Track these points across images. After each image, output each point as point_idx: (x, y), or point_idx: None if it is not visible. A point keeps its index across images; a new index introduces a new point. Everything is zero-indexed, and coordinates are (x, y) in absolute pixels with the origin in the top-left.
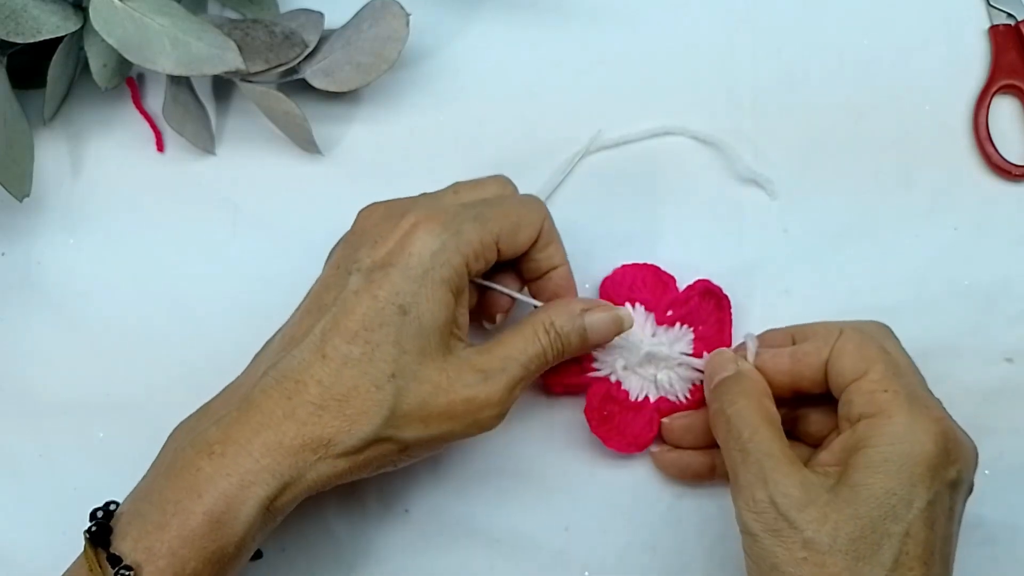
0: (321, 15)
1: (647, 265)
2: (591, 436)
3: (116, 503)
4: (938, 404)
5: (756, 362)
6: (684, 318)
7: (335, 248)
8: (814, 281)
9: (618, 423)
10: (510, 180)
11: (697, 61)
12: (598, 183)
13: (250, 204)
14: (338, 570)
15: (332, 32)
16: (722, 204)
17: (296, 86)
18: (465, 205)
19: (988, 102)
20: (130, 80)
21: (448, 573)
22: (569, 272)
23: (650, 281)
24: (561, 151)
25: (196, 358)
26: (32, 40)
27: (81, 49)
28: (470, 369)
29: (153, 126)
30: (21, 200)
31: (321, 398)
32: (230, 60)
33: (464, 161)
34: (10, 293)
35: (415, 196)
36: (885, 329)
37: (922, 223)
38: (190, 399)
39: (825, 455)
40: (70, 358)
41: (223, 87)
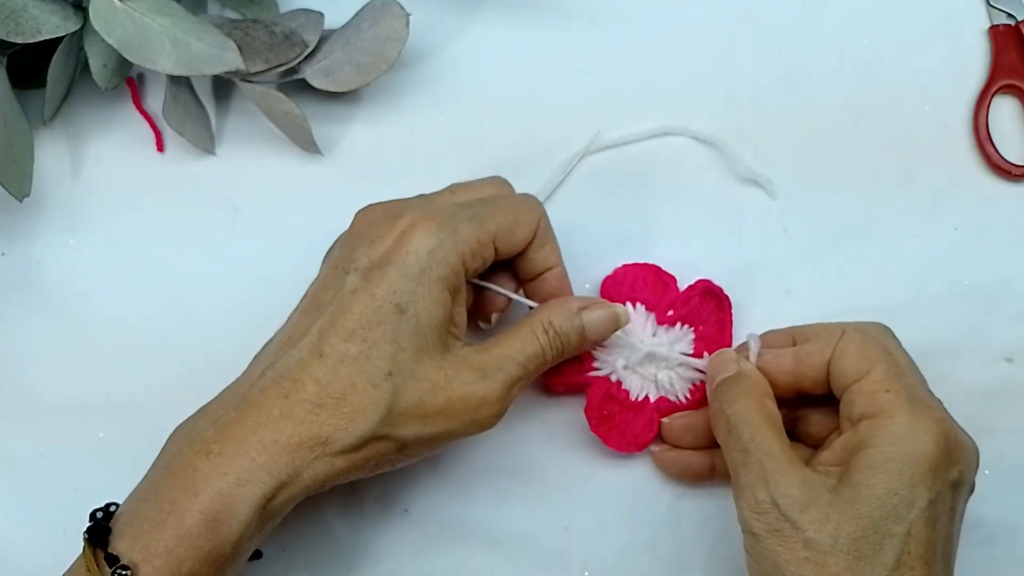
0: (321, 15)
1: (648, 265)
2: (591, 436)
3: (116, 504)
4: (939, 405)
5: (758, 362)
6: (685, 318)
7: (332, 248)
8: (814, 281)
9: (618, 423)
10: (507, 181)
11: (697, 61)
12: (598, 183)
13: (250, 204)
14: (338, 570)
15: (332, 32)
16: (722, 204)
17: (296, 86)
18: (461, 205)
19: (988, 102)
20: (130, 80)
21: (448, 573)
22: (564, 273)
23: (651, 281)
24: (561, 151)
25: (196, 358)
26: (32, 40)
27: (81, 49)
28: (468, 367)
29: (153, 126)
30: (21, 200)
31: (318, 396)
32: (230, 60)
33: (464, 161)
34: (10, 293)
35: (412, 197)
36: (886, 330)
37: (922, 223)
38: (190, 399)
39: (826, 455)
40: (70, 358)
41: (223, 87)
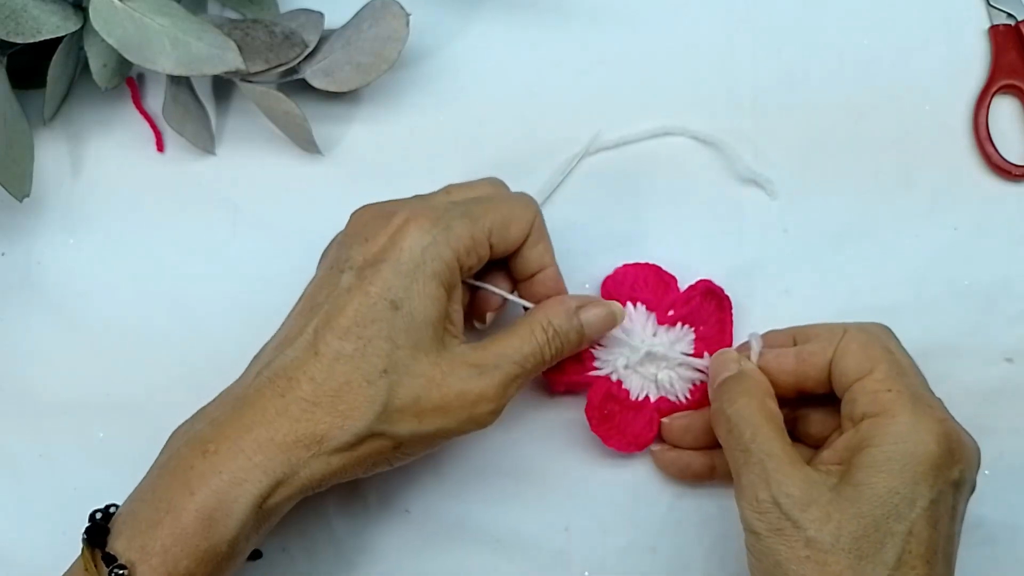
0: (321, 15)
1: (648, 265)
2: (591, 436)
3: (116, 506)
4: (941, 404)
5: (760, 362)
6: (685, 318)
7: (328, 248)
8: (814, 281)
9: (618, 422)
10: (502, 181)
11: (697, 61)
12: (598, 183)
13: (250, 204)
14: (338, 570)
15: (332, 32)
16: (722, 204)
17: (296, 86)
18: (456, 203)
19: (988, 102)
20: (130, 80)
21: (448, 573)
22: (558, 273)
23: (651, 281)
24: (561, 151)
25: (196, 358)
26: (32, 40)
27: (81, 49)
28: (464, 364)
29: (153, 126)
30: (21, 200)
31: (314, 394)
32: (230, 60)
33: (464, 161)
34: (10, 293)
35: (407, 197)
36: (887, 330)
37: (922, 223)
38: (190, 399)
39: (828, 454)
40: (70, 358)
41: (223, 87)
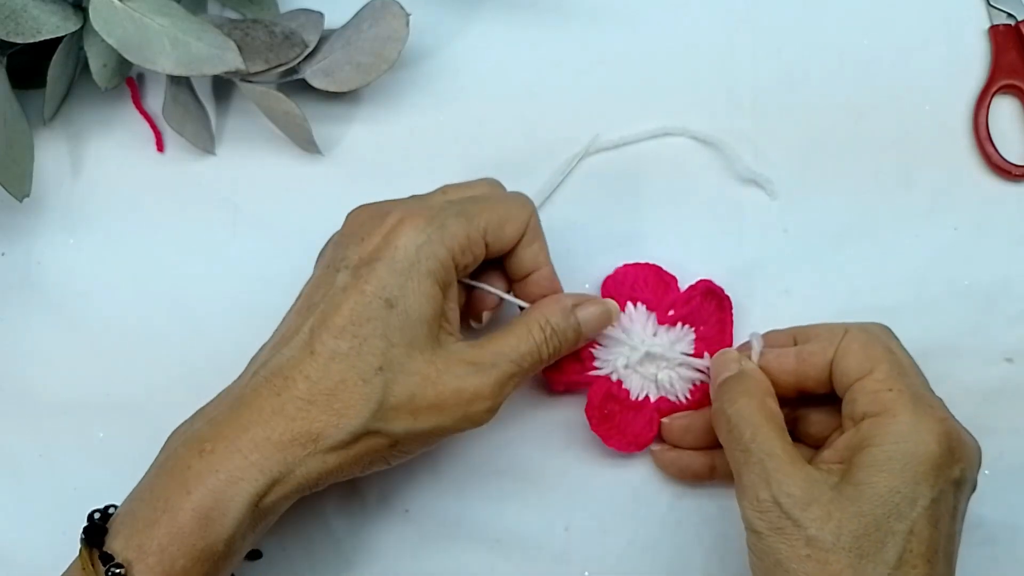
0: (321, 15)
1: (649, 265)
2: (592, 436)
3: (115, 506)
4: (941, 404)
5: (761, 362)
6: (686, 318)
7: (325, 248)
8: (814, 281)
9: (618, 422)
10: (499, 182)
11: (697, 61)
12: (598, 183)
13: (250, 204)
14: (338, 569)
15: (332, 32)
16: (722, 204)
17: (296, 86)
18: (451, 202)
19: (988, 102)
20: (130, 80)
21: (447, 573)
22: (553, 273)
23: (652, 281)
24: (561, 151)
25: (196, 358)
26: (32, 40)
27: (81, 49)
28: (460, 362)
29: (153, 126)
30: (21, 200)
31: (309, 393)
32: (230, 60)
33: (464, 161)
34: (10, 293)
35: (403, 198)
36: (888, 330)
37: (922, 223)
38: (190, 399)
39: (829, 453)
40: (70, 358)
41: (223, 87)
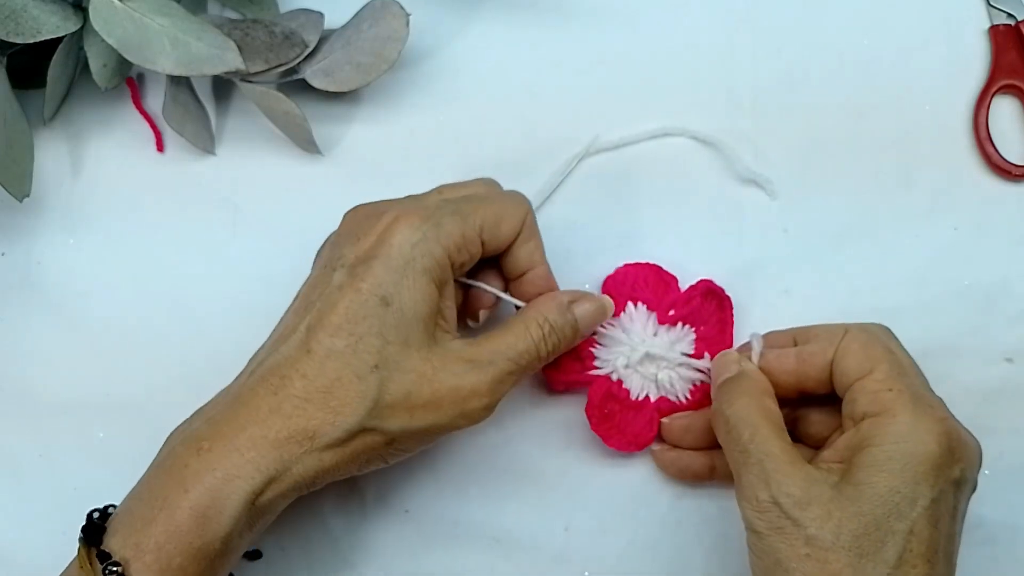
0: (321, 15)
1: (649, 265)
2: (592, 436)
3: (115, 506)
4: (942, 404)
5: (761, 363)
6: (686, 318)
7: (322, 248)
8: (814, 281)
9: (618, 422)
10: (496, 181)
11: (697, 61)
12: (598, 183)
13: (250, 204)
14: (337, 569)
15: (332, 32)
16: (722, 204)
17: (296, 86)
18: (447, 200)
19: (988, 102)
20: (130, 80)
21: (447, 573)
22: (549, 271)
23: (652, 281)
24: (561, 151)
25: (196, 358)
26: (32, 40)
27: (81, 49)
28: (457, 359)
29: (153, 126)
30: (21, 200)
31: (305, 391)
32: (230, 60)
33: (464, 161)
34: (10, 293)
35: (400, 198)
36: (888, 331)
37: (922, 223)
38: (190, 399)
39: (829, 452)
40: (70, 358)
41: (223, 87)
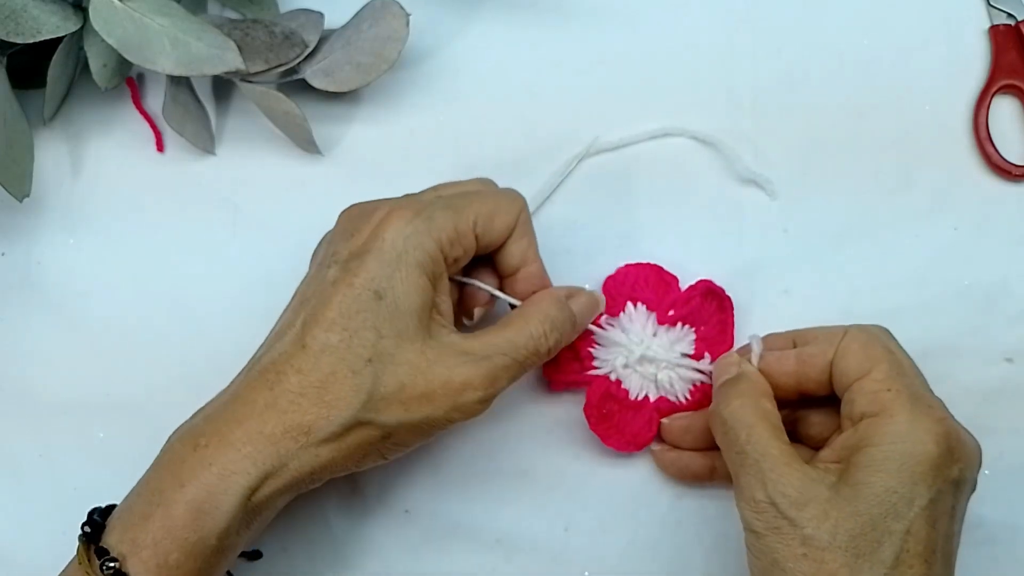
0: (321, 15)
1: (650, 265)
2: (591, 436)
3: (116, 506)
4: (941, 404)
5: (761, 364)
6: (686, 318)
7: (318, 246)
8: (814, 281)
9: (617, 421)
10: (492, 180)
11: (697, 61)
12: (599, 183)
13: (250, 204)
14: (338, 570)
15: (332, 32)
16: (722, 204)
17: (296, 86)
18: (441, 196)
19: (988, 102)
20: (130, 80)
21: (448, 573)
22: (543, 269)
23: (652, 280)
24: (561, 151)
25: (196, 358)
26: (32, 40)
27: (81, 49)
28: (453, 352)
29: (153, 126)
30: (21, 200)
31: (300, 386)
32: (230, 60)
33: (464, 161)
34: (10, 293)
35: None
36: (887, 331)
37: (922, 223)
38: (190, 399)
39: (827, 452)
40: (70, 358)
41: (223, 87)
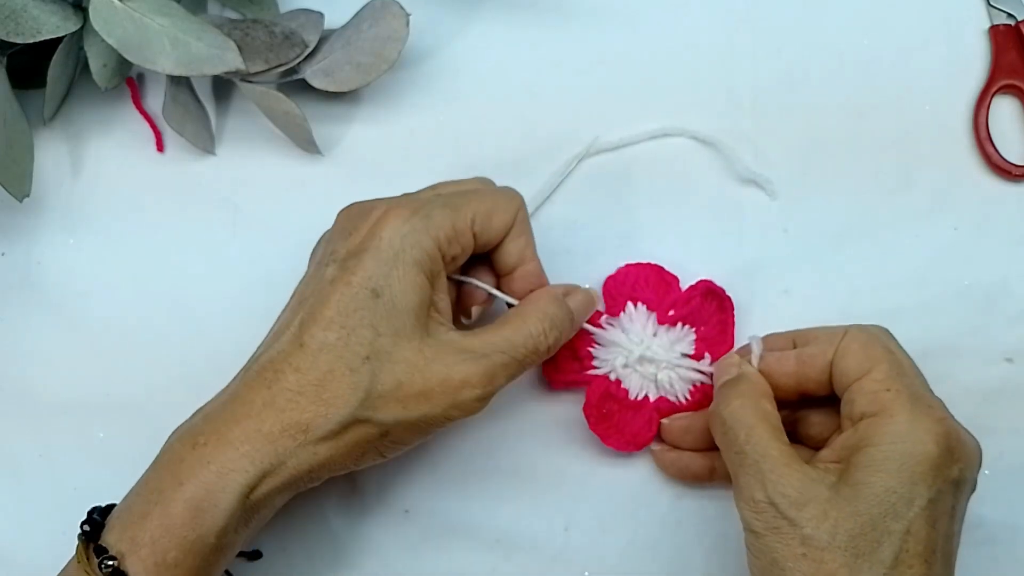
0: (321, 15)
1: (650, 265)
2: (591, 436)
3: (115, 505)
4: (941, 404)
5: (761, 365)
6: (686, 318)
7: (317, 246)
8: (814, 281)
9: (617, 421)
10: (490, 180)
11: (697, 61)
12: (598, 183)
13: (250, 204)
14: (338, 570)
15: (332, 32)
16: (722, 204)
17: (296, 86)
18: (439, 195)
19: (988, 102)
20: (130, 80)
21: (447, 573)
22: (540, 267)
23: (653, 280)
24: (561, 151)
25: (196, 358)
26: (32, 40)
27: (81, 49)
28: (451, 350)
29: (153, 126)
30: (21, 200)
31: (298, 384)
32: (230, 60)
33: (464, 161)
34: (10, 293)
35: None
36: (887, 332)
37: (922, 223)
38: (190, 399)
39: (827, 452)
40: (70, 358)
41: (223, 87)
